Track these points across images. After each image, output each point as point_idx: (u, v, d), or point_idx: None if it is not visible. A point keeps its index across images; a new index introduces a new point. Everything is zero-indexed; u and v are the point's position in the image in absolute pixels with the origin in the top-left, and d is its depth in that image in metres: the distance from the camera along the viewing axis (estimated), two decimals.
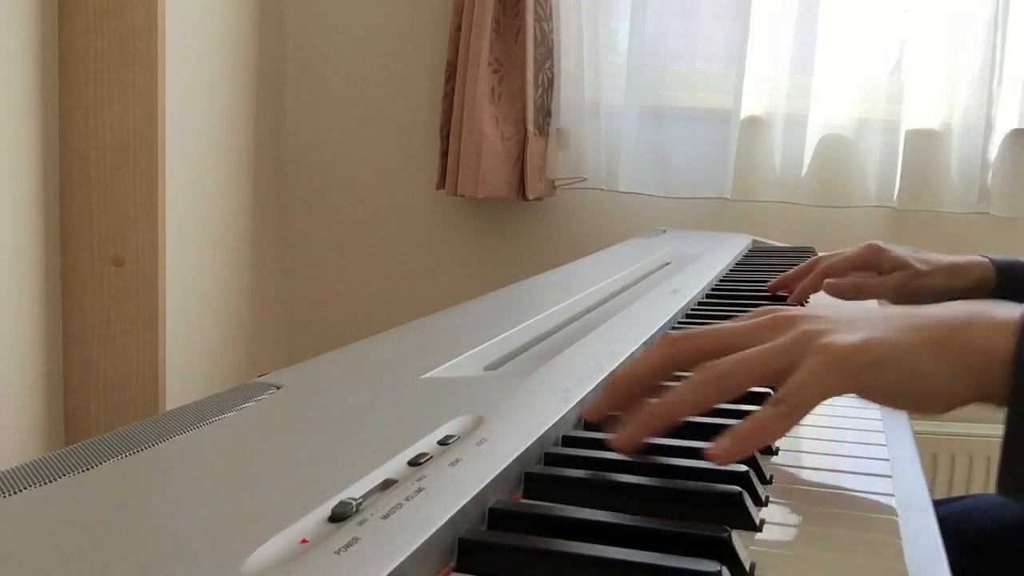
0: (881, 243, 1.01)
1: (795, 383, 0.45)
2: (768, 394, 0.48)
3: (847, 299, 1.00)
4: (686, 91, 1.90)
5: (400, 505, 0.36)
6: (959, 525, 0.84)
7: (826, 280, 1.00)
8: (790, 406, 0.45)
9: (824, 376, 0.45)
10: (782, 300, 1.01)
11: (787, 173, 1.84)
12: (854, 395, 0.46)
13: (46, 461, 0.40)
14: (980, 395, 0.45)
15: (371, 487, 0.37)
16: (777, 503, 0.44)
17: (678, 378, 0.50)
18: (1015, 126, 1.75)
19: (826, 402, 0.62)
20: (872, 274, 1.00)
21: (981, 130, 1.74)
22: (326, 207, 2.10)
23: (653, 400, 0.47)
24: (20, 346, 1.45)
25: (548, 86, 1.89)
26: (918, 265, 0.97)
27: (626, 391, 0.50)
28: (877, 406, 0.52)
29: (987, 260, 0.97)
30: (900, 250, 1.00)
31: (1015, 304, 0.46)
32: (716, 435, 0.52)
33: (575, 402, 0.53)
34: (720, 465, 0.44)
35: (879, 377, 0.45)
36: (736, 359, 0.47)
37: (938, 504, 0.86)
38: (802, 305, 1.00)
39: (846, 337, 0.45)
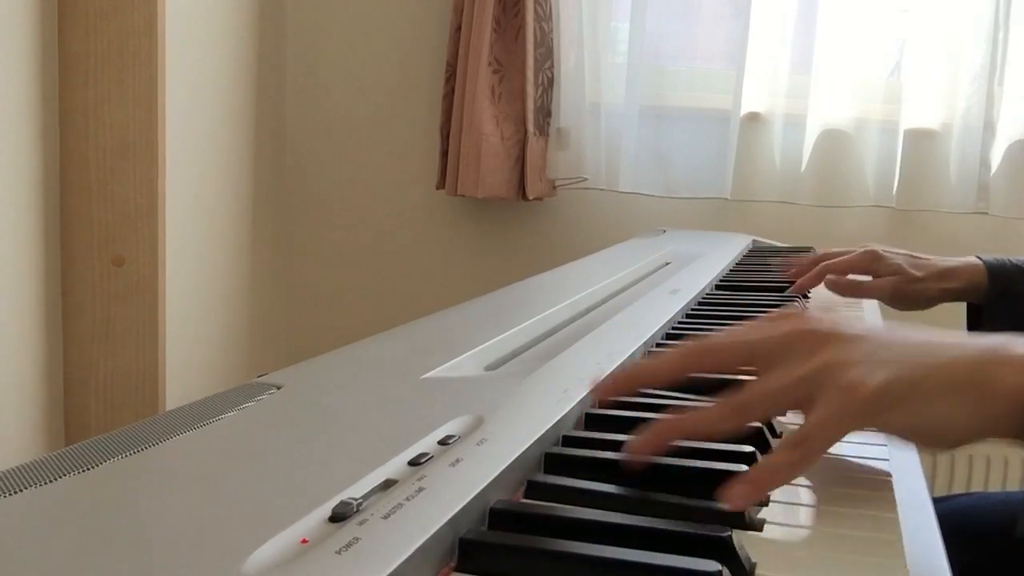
0: (879, 249, 1.03)
1: (816, 424, 0.44)
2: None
3: (846, 296, 1.02)
4: (686, 91, 1.90)
5: (400, 505, 0.36)
6: (959, 522, 0.84)
7: (827, 276, 1.02)
8: (809, 449, 0.44)
9: (845, 418, 0.44)
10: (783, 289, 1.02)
11: (787, 173, 1.84)
12: (869, 426, 0.46)
13: (46, 461, 0.40)
14: (996, 432, 0.45)
15: (371, 487, 0.37)
16: (777, 503, 0.44)
17: (692, 380, 0.51)
18: (1017, 127, 1.75)
19: None
20: (868, 278, 1.03)
21: (980, 130, 1.74)
22: (326, 207, 2.10)
23: (673, 415, 0.47)
24: (20, 346, 1.45)
25: (548, 86, 1.89)
26: (912, 271, 1.00)
27: (640, 383, 0.51)
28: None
29: (979, 262, 0.98)
30: (897, 257, 1.02)
31: None
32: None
33: (575, 402, 0.53)
34: (734, 510, 0.42)
35: (899, 418, 0.45)
36: (758, 391, 0.46)
37: (937, 501, 0.86)
38: (804, 297, 1.01)
39: (870, 376, 0.44)
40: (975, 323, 1.03)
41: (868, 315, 0.98)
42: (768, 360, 0.47)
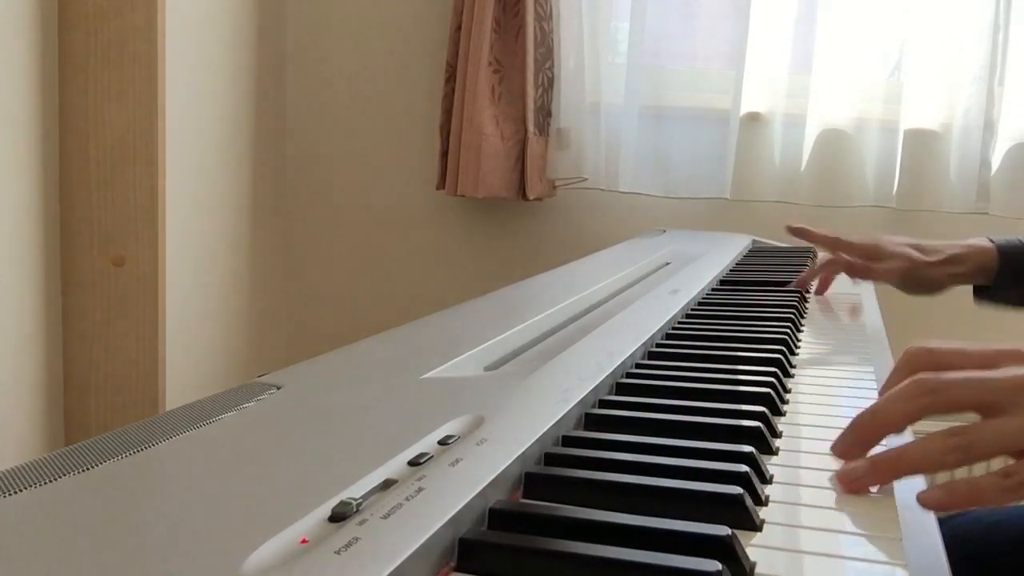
0: (882, 242, 1.04)
1: (988, 427, 0.44)
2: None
3: (862, 278, 1.05)
4: (686, 91, 1.90)
5: (400, 505, 0.36)
6: (954, 545, 0.84)
7: (843, 256, 1.05)
8: (969, 446, 0.44)
9: (1019, 435, 0.44)
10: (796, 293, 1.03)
11: (786, 173, 1.84)
12: None
13: (46, 461, 0.40)
14: None
15: (371, 487, 0.37)
16: (777, 503, 0.44)
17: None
18: (1017, 127, 1.75)
19: (826, 403, 0.63)
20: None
21: (980, 130, 1.74)
22: (326, 207, 2.10)
23: (893, 449, 0.47)
24: (20, 346, 1.45)
25: (548, 86, 1.89)
26: (921, 256, 1.02)
27: (878, 433, 0.50)
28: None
29: (991, 244, 0.99)
30: (904, 248, 1.03)
31: None
32: (713, 435, 0.52)
33: (575, 402, 0.53)
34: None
35: None
36: (987, 431, 0.46)
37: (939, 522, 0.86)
38: (803, 298, 1.01)
39: None
40: (981, 294, 1.04)
41: (869, 314, 0.98)
42: (1003, 405, 0.46)
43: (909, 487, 0.47)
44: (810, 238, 1.09)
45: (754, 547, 0.39)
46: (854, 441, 0.49)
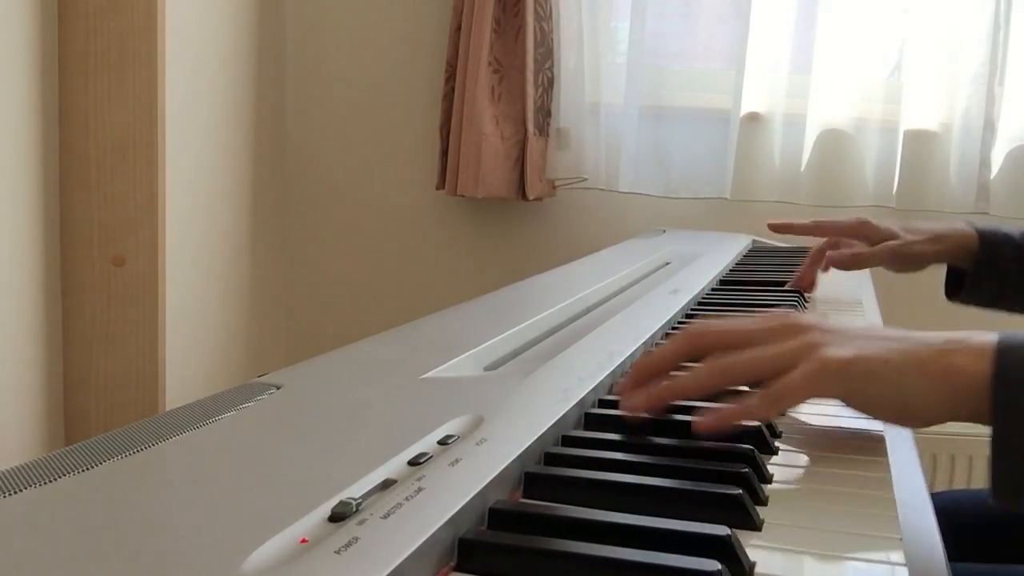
0: (870, 219, 1.06)
1: (788, 380, 0.51)
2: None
3: (847, 268, 1.07)
4: (686, 91, 1.90)
5: (400, 505, 0.36)
6: (948, 515, 0.85)
7: (828, 253, 1.06)
8: (776, 398, 0.51)
9: (814, 381, 0.51)
10: (788, 291, 1.03)
11: (786, 173, 1.84)
12: (839, 402, 0.52)
13: (46, 461, 0.40)
14: (956, 414, 0.49)
15: (371, 487, 0.37)
16: (777, 503, 0.44)
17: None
18: (1017, 127, 1.75)
19: (827, 403, 0.63)
20: (862, 245, 1.06)
21: (980, 130, 1.74)
22: (326, 207, 2.10)
23: (664, 382, 0.54)
24: (21, 346, 1.45)
25: (548, 86, 1.89)
26: (905, 235, 1.04)
27: (649, 372, 0.57)
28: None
29: (972, 228, 1.01)
30: (887, 222, 1.06)
31: (991, 333, 0.50)
32: (713, 435, 0.52)
33: (575, 402, 0.53)
34: (699, 432, 0.51)
35: (865, 389, 0.51)
36: (743, 357, 0.54)
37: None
38: (803, 298, 1.02)
39: (841, 351, 0.51)
40: (955, 289, 1.04)
41: (869, 315, 0.98)
42: (761, 343, 0.54)
43: (909, 487, 0.47)
44: (793, 231, 1.11)
45: (754, 547, 0.39)
46: (632, 380, 0.57)
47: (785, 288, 1.05)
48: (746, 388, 0.56)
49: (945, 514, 0.47)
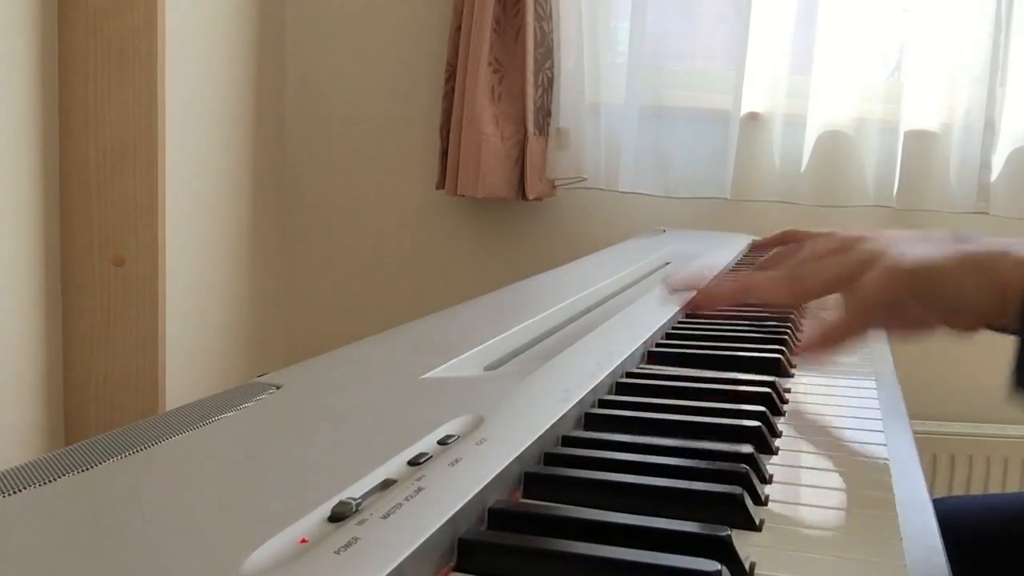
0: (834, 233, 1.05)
1: (863, 286, 0.56)
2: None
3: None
4: (686, 91, 1.90)
5: (400, 505, 0.36)
6: (952, 524, 0.84)
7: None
8: (860, 301, 0.56)
9: (886, 281, 0.55)
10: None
11: (786, 173, 1.84)
12: (908, 297, 0.56)
13: (46, 461, 0.40)
14: (1000, 316, 0.54)
15: (371, 487, 0.37)
16: (777, 503, 0.44)
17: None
18: (1018, 128, 1.75)
19: (827, 403, 0.63)
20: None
21: (981, 131, 1.74)
22: (326, 207, 2.10)
23: (740, 279, 0.60)
24: (20, 346, 1.45)
25: (548, 86, 1.89)
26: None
27: (715, 302, 0.63)
28: (877, 405, 0.58)
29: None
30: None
31: None
32: (713, 435, 0.52)
33: (575, 402, 0.53)
34: (810, 354, 0.58)
35: (928, 288, 0.55)
36: (813, 267, 0.58)
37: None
38: None
39: (906, 253, 0.56)
40: None
41: None
42: (823, 252, 0.59)
43: (909, 487, 0.47)
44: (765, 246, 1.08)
45: (754, 547, 0.39)
46: (699, 303, 0.62)
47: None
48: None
49: (946, 524, 0.48)
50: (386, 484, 0.38)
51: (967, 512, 0.87)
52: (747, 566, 0.36)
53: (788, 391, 0.65)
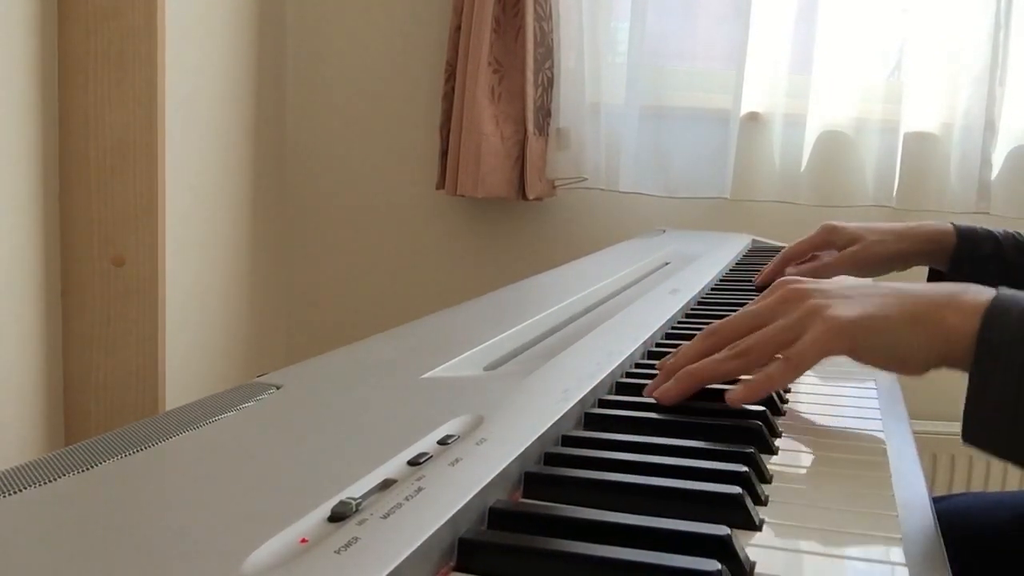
0: (836, 222, 1.05)
1: (802, 344, 0.56)
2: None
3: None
4: (686, 91, 1.90)
5: (400, 505, 0.36)
6: (954, 523, 0.84)
7: (787, 269, 1.05)
8: (796, 362, 0.56)
9: (825, 340, 0.56)
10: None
11: (786, 173, 1.84)
12: (847, 357, 0.57)
13: (46, 461, 0.40)
14: (947, 362, 0.55)
15: (371, 487, 0.37)
16: (777, 503, 0.44)
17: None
18: (1018, 127, 1.75)
19: (827, 403, 0.63)
20: (831, 252, 1.05)
21: (981, 131, 1.74)
22: (326, 207, 2.10)
23: (687, 368, 0.58)
24: (20, 346, 1.45)
25: (548, 86, 1.89)
26: (870, 236, 1.02)
27: (674, 369, 0.60)
28: (877, 405, 0.59)
29: (950, 225, 1.00)
30: (854, 226, 1.05)
31: (987, 289, 0.55)
32: (713, 435, 0.52)
33: (575, 402, 0.53)
34: (734, 406, 0.56)
35: (868, 343, 0.56)
36: (756, 338, 0.58)
37: (935, 501, 0.86)
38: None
39: (845, 310, 0.56)
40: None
41: None
42: (766, 322, 0.59)
43: (909, 487, 0.47)
44: (773, 274, 1.07)
45: (754, 547, 0.39)
46: (671, 389, 0.59)
47: (756, 286, 1.05)
48: None
49: (951, 522, 0.48)
50: (386, 484, 0.38)
51: (971, 510, 0.87)
52: (747, 566, 0.36)
53: (788, 391, 0.65)
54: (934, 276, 1.05)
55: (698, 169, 1.88)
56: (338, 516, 0.34)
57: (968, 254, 0.99)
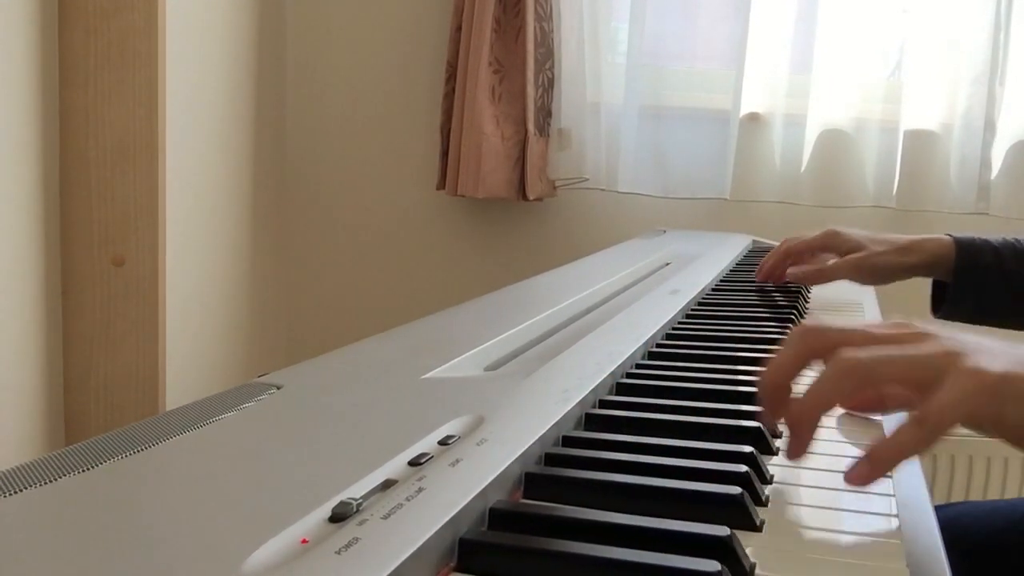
0: (839, 228, 1.04)
1: (940, 402, 0.43)
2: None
3: (811, 284, 1.06)
4: (686, 91, 1.90)
5: (400, 505, 0.36)
6: (951, 530, 0.84)
7: (789, 270, 1.05)
8: (933, 426, 0.43)
9: (970, 399, 0.43)
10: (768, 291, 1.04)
11: (787, 173, 1.84)
12: (979, 428, 0.45)
13: (46, 461, 0.40)
14: None
15: (371, 487, 0.37)
16: (777, 503, 0.44)
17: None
18: (1018, 127, 1.75)
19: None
20: (832, 257, 1.04)
21: (981, 130, 1.74)
22: (326, 207, 2.10)
23: (796, 402, 0.47)
24: (20, 346, 1.45)
25: (548, 86, 1.89)
26: (872, 246, 1.01)
27: (775, 390, 0.49)
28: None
29: (948, 237, 0.99)
30: (857, 233, 1.04)
31: None
32: (713, 435, 0.52)
33: (575, 402, 0.53)
34: (859, 488, 0.44)
35: (1018, 410, 0.43)
36: (879, 356, 0.45)
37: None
38: (804, 298, 1.02)
39: (993, 365, 0.44)
40: (939, 299, 1.03)
41: (868, 314, 0.98)
42: (930, 375, 0.45)
43: (909, 488, 0.47)
44: (772, 269, 1.07)
45: (754, 547, 0.39)
46: (769, 410, 0.49)
47: (787, 288, 1.05)
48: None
49: (952, 530, 0.44)
50: (387, 484, 0.38)
51: (965, 518, 0.87)
52: (747, 566, 0.36)
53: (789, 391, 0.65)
54: (938, 288, 1.05)
55: (698, 169, 1.88)
56: (339, 516, 0.34)
57: (969, 265, 0.98)
